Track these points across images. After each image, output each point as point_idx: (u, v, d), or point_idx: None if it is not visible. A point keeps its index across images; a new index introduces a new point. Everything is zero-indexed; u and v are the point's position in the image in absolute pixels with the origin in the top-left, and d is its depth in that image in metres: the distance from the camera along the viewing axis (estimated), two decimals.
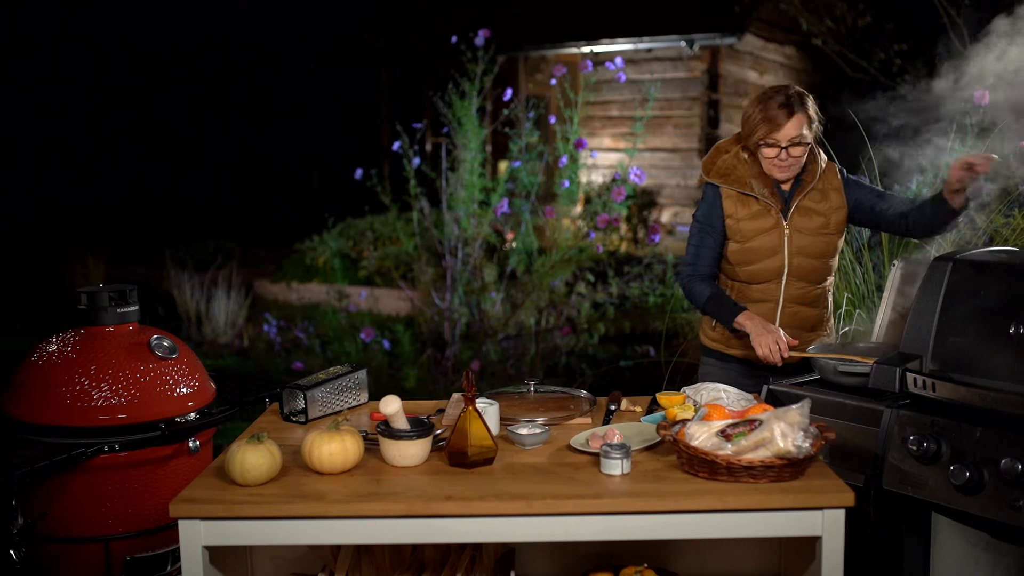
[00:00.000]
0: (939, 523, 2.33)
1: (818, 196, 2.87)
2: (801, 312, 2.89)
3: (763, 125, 2.75)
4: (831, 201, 2.88)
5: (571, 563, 2.40)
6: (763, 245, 2.86)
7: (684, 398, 2.44)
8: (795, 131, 2.74)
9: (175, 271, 8.21)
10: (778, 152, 2.77)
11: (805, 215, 2.86)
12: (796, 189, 2.88)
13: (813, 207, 2.86)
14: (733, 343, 2.94)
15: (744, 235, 2.87)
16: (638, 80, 11.04)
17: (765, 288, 2.89)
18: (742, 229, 2.87)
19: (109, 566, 2.62)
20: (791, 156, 2.78)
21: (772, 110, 2.74)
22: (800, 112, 2.74)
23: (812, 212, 2.86)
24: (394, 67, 13.86)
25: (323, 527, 1.92)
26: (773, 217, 2.86)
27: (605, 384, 5.80)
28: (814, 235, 2.86)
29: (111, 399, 2.60)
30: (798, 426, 1.94)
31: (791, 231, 2.85)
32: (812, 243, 2.86)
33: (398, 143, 6.02)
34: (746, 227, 2.87)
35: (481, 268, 6.21)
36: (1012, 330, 2.12)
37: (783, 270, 2.87)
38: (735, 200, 2.88)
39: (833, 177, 2.91)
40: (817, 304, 2.93)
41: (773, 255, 2.86)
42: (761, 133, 2.76)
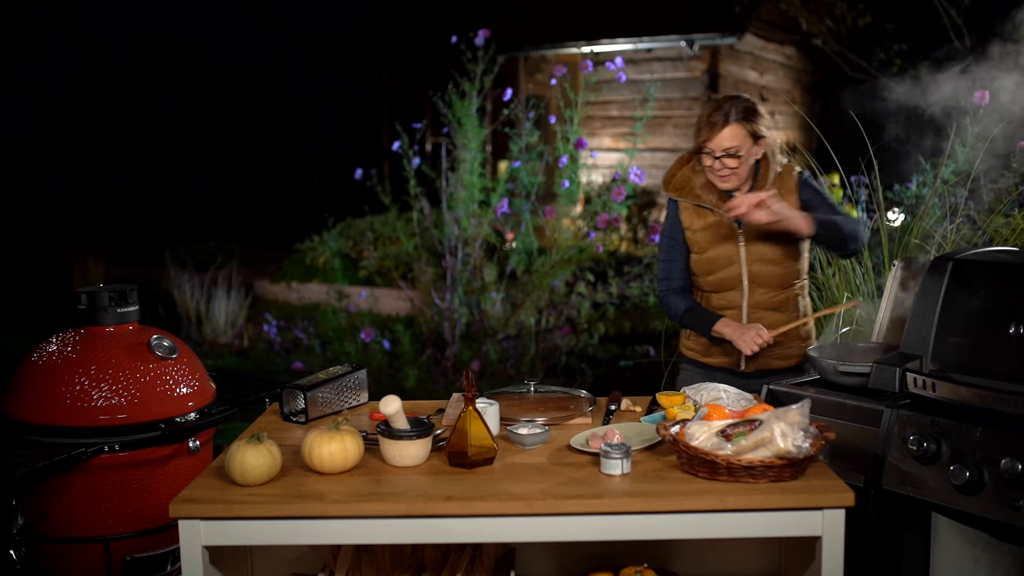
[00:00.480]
0: (939, 523, 2.33)
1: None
2: (768, 317, 2.88)
3: (703, 130, 2.77)
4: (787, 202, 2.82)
5: (571, 563, 2.40)
6: (720, 255, 2.87)
7: (684, 398, 2.44)
8: (728, 142, 2.73)
9: (175, 271, 8.20)
10: (712, 161, 2.77)
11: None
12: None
13: None
14: (712, 352, 2.95)
15: (701, 246, 2.88)
16: (638, 80, 11.03)
17: (729, 296, 2.90)
18: (699, 240, 2.88)
19: (109, 566, 2.62)
20: (726, 167, 2.77)
21: (712, 117, 2.75)
22: (736, 124, 2.73)
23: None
24: (394, 67, 13.85)
25: (323, 527, 1.92)
26: (727, 227, 2.85)
27: (605, 384, 5.80)
28: (771, 241, 2.84)
29: (111, 399, 2.60)
30: (798, 426, 1.94)
31: (746, 239, 2.85)
32: (769, 250, 2.85)
33: (398, 143, 6.02)
34: (702, 238, 2.88)
35: (481, 268, 6.21)
36: (1012, 330, 2.12)
37: (742, 278, 2.87)
38: (691, 212, 2.89)
39: (788, 180, 2.88)
40: (786, 308, 2.91)
41: (730, 264, 2.87)
42: (700, 138, 2.78)
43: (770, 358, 2.91)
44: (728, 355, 2.92)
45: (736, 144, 2.74)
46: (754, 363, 2.91)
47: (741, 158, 2.76)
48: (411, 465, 2.10)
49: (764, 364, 2.91)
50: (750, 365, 2.92)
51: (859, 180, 4.97)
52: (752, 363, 2.91)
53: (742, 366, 2.92)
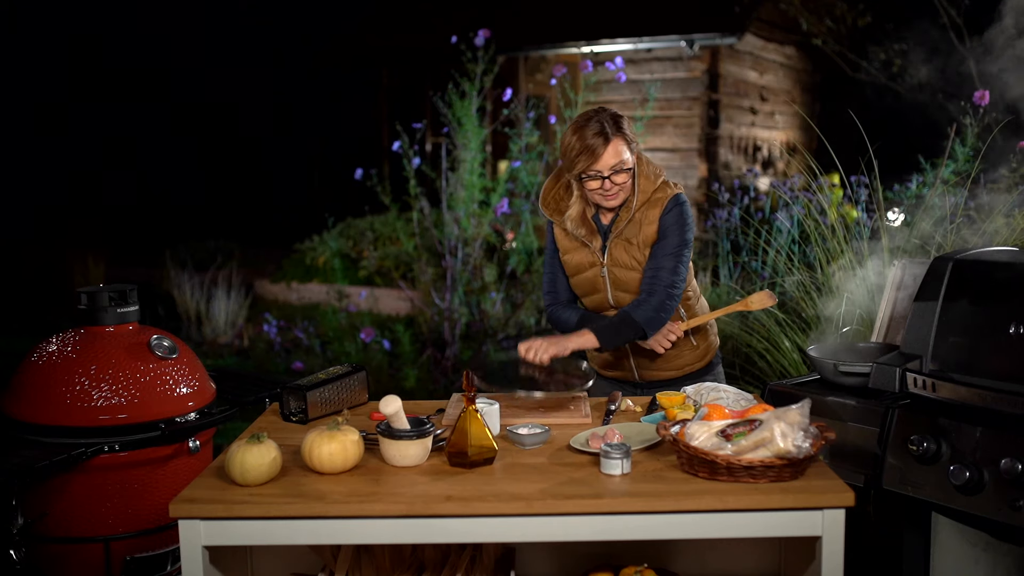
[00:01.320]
0: (939, 523, 2.33)
1: (635, 228, 2.71)
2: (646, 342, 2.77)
3: (582, 157, 2.59)
4: (647, 232, 2.70)
5: (571, 563, 2.40)
6: (586, 280, 2.79)
7: (684, 398, 2.44)
8: (614, 158, 2.59)
9: (175, 271, 8.20)
10: (601, 183, 2.62)
11: (622, 250, 2.72)
12: (615, 221, 2.73)
13: (631, 239, 2.72)
14: (603, 366, 2.92)
15: (571, 269, 2.81)
16: (638, 80, 11.03)
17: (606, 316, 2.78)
18: (568, 263, 2.81)
19: (109, 566, 2.62)
20: (615, 184, 2.62)
21: (588, 139, 2.58)
22: (616, 136, 2.58)
23: (631, 244, 2.72)
24: (394, 67, 13.85)
25: (323, 527, 1.92)
26: (592, 254, 2.75)
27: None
28: (631, 269, 2.72)
29: (111, 399, 2.60)
30: (798, 426, 1.94)
31: (609, 265, 2.74)
32: (630, 277, 2.73)
33: (398, 143, 6.02)
34: (570, 261, 2.80)
35: (481, 268, 6.21)
36: (1012, 330, 2.12)
37: (607, 306, 2.79)
38: (563, 234, 2.80)
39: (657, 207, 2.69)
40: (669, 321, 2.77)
41: (596, 291, 2.78)
42: (582, 165, 2.60)
43: (662, 369, 2.85)
44: (622, 369, 2.88)
45: (622, 158, 2.60)
46: (647, 374, 2.86)
47: (630, 170, 2.64)
48: (411, 465, 2.10)
49: (656, 375, 2.85)
50: (643, 376, 2.87)
51: (859, 180, 4.98)
52: (645, 374, 2.86)
53: (636, 377, 2.88)
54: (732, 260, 6.09)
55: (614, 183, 2.62)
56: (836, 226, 3.89)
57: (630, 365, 2.87)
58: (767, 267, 5.28)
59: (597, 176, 2.61)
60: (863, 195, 4.96)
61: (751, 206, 7.41)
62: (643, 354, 2.83)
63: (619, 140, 2.60)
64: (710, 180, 11.41)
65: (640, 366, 2.86)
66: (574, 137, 2.61)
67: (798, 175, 5.91)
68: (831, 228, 3.91)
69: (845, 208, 5.59)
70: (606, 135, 2.58)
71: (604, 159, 2.59)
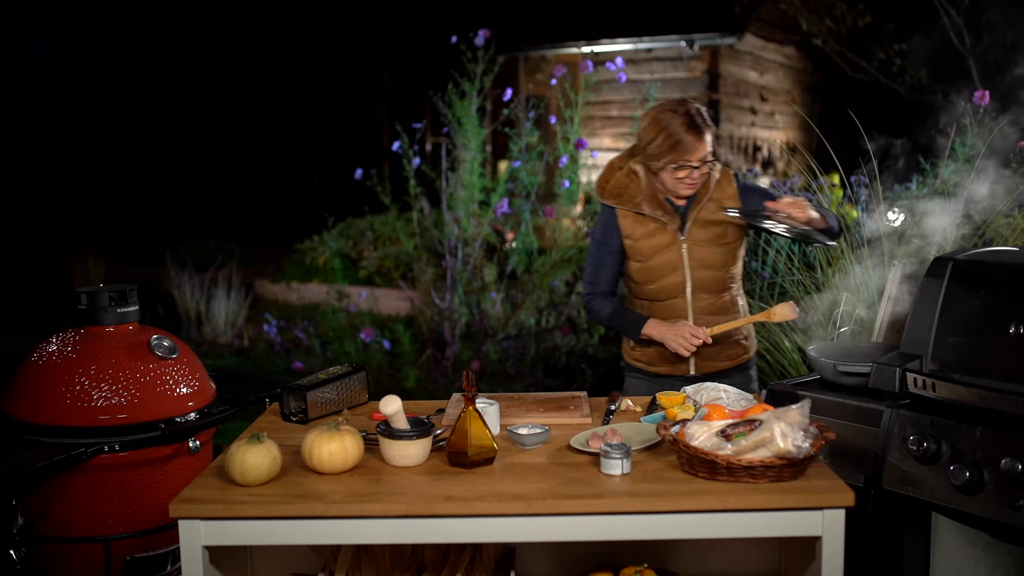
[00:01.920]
0: (939, 523, 2.33)
1: (714, 207, 2.83)
2: (712, 321, 2.87)
3: (674, 150, 2.68)
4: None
5: (571, 563, 2.40)
6: (663, 262, 2.84)
7: (684, 398, 2.44)
8: (705, 150, 2.70)
9: (175, 271, 8.20)
10: (689, 172, 2.72)
11: (702, 227, 2.83)
12: (692, 202, 2.84)
13: (709, 218, 2.83)
14: (657, 362, 2.93)
15: (644, 254, 2.84)
16: (638, 80, 11.03)
17: (672, 304, 2.87)
18: (641, 248, 2.84)
19: (109, 566, 2.62)
20: (701, 174, 2.75)
21: (680, 133, 2.67)
22: (707, 129, 2.70)
23: (709, 224, 2.83)
24: (394, 67, 13.85)
25: (323, 527, 1.92)
26: (670, 233, 2.82)
27: (605, 384, 5.80)
28: (713, 246, 2.83)
29: (111, 399, 2.60)
30: (798, 426, 1.94)
31: (689, 245, 2.82)
32: (712, 255, 2.83)
33: (398, 143, 6.02)
34: (644, 246, 2.84)
35: (481, 268, 6.21)
36: (1012, 330, 2.12)
37: (685, 285, 2.85)
38: (631, 220, 2.84)
39: (728, 185, 2.86)
40: (727, 311, 2.91)
41: (674, 271, 2.84)
42: (672, 157, 2.69)
43: (717, 360, 2.89)
44: (679, 363, 2.90)
45: (711, 149, 2.72)
46: (702, 367, 2.89)
47: (714, 160, 2.77)
48: (411, 465, 2.10)
49: (712, 367, 2.89)
50: (699, 369, 2.90)
51: (859, 180, 4.98)
52: (702, 366, 2.89)
53: (691, 371, 2.90)
54: None
55: (701, 172, 2.73)
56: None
57: (690, 359, 2.89)
58: (767, 267, 5.28)
59: (686, 166, 2.71)
60: (863, 195, 4.96)
61: None
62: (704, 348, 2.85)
63: (709, 132, 2.72)
64: None
65: (700, 357, 2.88)
66: (662, 132, 2.69)
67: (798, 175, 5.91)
68: None
69: (845, 208, 5.59)
70: (698, 128, 2.69)
71: (697, 151, 2.69)
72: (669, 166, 2.72)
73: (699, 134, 2.68)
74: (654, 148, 2.72)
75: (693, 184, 2.77)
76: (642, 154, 2.78)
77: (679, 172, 2.73)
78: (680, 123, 2.68)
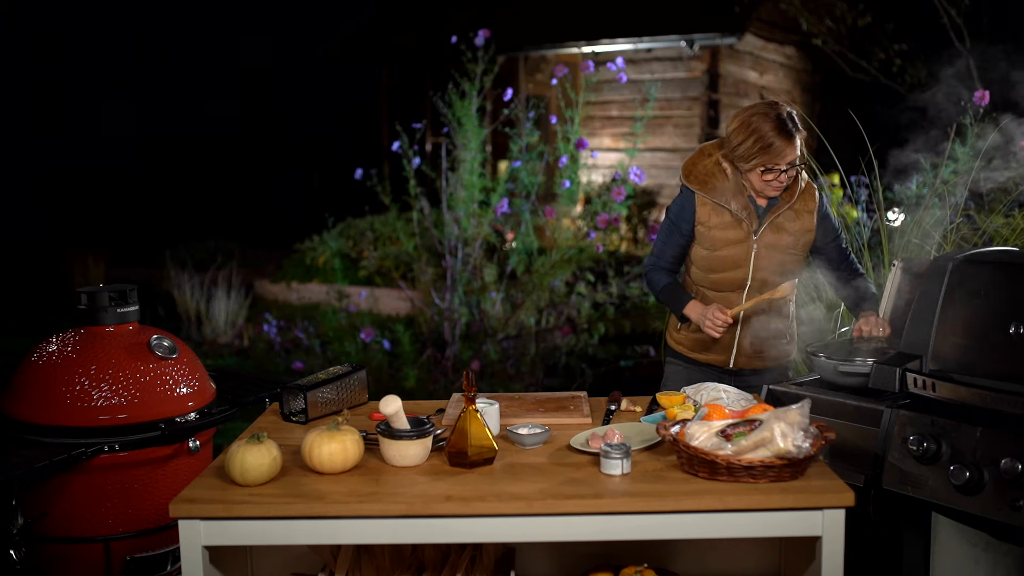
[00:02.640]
0: (939, 523, 2.33)
1: (792, 215, 2.86)
2: (762, 320, 2.90)
3: (764, 153, 2.70)
4: (803, 222, 2.87)
5: (571, 563, 2.40)
6: (730, 256, 2.86)
7: (684, 398, 2.44)
8: (795, 154, 2.72)
9: (175, 271, 8.20)
10: (777, 175, 2.74)
11: (776, 232, 2.85)
12: (773, 205, 2.86)
13: (785, 225, 2.85)
14: (696, 348, 2.96)
15: (714, 243, 2.86)
16: (638, 80, 11.03)
17: (727, 297, 2.89)
18: (712, 237, 2.86)
19: (109, 566, 2.62)
20: (788, 177, 2.77)
21: (772, 137, 2.68)
22: (797, 134, 2.71)
23: (783, 230, 2.85)
24: (394, 67, 13.85)
25: (323, 527, 1.92)
26: (744, 230, 2.84)
27: (605, 384, 5.80)
28: (782, 253, 2.85)
29: (111, 399, 2.60)
30: (798, 426, 1.94)
31: (759, 246, 2.84)
32: (778, 260, 2.85)
33: (398, 143, 6.02)
34: (717, 236, 2.86)
35: (481, 268, 6.21)
36: (1012, 330, 2.12)
37: (746, 282, 2.87)
38: (710, 208, 2.86)
39: (810, 199, 2.89)
40: (779, 313, 2.93)
41: (738, 267, 2.86)
42: (761, 160, 2.71)
43: (759, 358, 2.93)
44: (718, 353, 2.94)
45: (799, 154, 2.74)
46: (741, 362, 2.93)
47: (800, 166, 2.78)
48: (411, 465, 2.10)
49: (751, 363, 2.93)
50: (738, 364, 2.93)
51: (859, 180, 4.97)
52: (741, 361, 2.93)
53: (731, 364, 2.94)
54: None
55: (788, 176, 2.75)
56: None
57: (731, 352, 2.93)
58: None
59: (774, 169, 2.72)
60: (863, 195, 4.95)
61: None
62: (748, 340, 2.89)
63: (799, 137, 2.72)
64: None
65: (741, 351, 2.91)
66: (752, 135, 2.71)
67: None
68: None
69: (845, 208, 5.58)
70: (789, 133, 2.70)
71: (787, 155, 2.70)
72: (757, 168, 2.74)
73: (790, 139, 2.69)
74: (743, 150, 2.73)
75: (780, 186, 2.79)
76: (731, 153, 2.80)
77: (767, 175, 2.74)
78: (771, 127, 2.68)
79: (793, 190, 2.85)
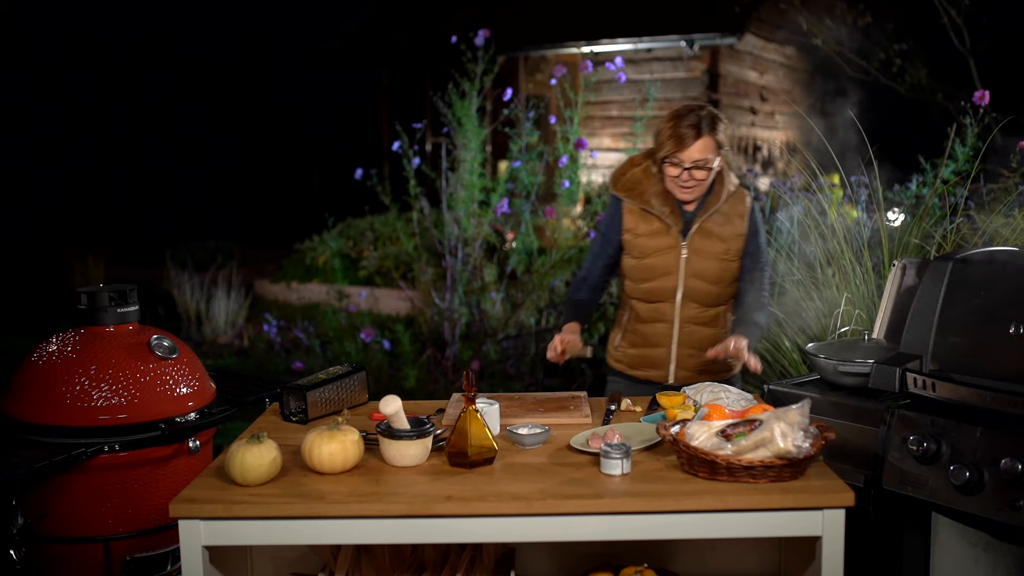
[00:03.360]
0: (939, 523, 2.33)
1: (721, 219, 2.82)
2: (698, 332, 2.86)
3: (670, 142, 2.70)
4: (734, 226, 2.83)
5: (571, 563, 2.40)
6: (659, 264, 2.82)
7: (684, 398, 2.44)
8: (699, 154, 2.69)
9: (175, 271, 8.20)
10: (680, 172, 2.72)
11: (705, 238, 2.81)
12: (699, 210, 2.83)
13: (715, 230, 2.82)
14: (634, 365, 2.93)
15: (642, 251, 2.83)
16: (638, 80, 11.03)
17: (660, 308, 2.86)
18: (640, 245, 2.83)
19: (109, 566, 2.62)
20: (693, 178, 2.73)
21: (681, 128, 2.68)
22: (708, 136, 2.69)
23: (713, 235, 2.82)
24: (394, 67, 13.85)
25: (323, 527, 1.92)
26: (672, 237, 2.81)
27: (605, 384, 5.79)
28: (712, 259, 2.81)
29: (111, 399, 2.60)
30: (798, 426, 1.94)
31: (689, 253, 2.81)
32: (709, 267, 2.81)
33: (398, 143, 6.02)
34: (644, 244, 2.83)
35: (481, 268, 6.21)
36: (1012, 330, 2.12)
37: (676, 291, 2.83)
38: (636, 215, 2.84)
39: (740, 204, 2.86)
40: (715, 324, 2.88)
41: (667, 275, 2.82)
42: (667, 150, 2.71)
43: (696, 371, 2.87)
44: (656, 369, 2.90)
45: (707, 156, 2.70)
46: (680, 376, 2.88)
47: (710, 170, 2.73)
48: (411, 465, 2.10)
49: (689, 378, 2.86)
50: (677, 378, 2.88)
51: (859, 180, 4.98)
52: (679, 376, 2.88)
53: (670, 379, 2.89)
54: None
55: (692, 177, 2.72)
56: (836, 226, 3.89)
57: (669, 367, 2.89)
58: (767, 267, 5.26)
59: (678, 164, 2.71)
60: (863, 195, 4.95)
61: None
62: (684, 354, 2.85)
63: (709, 139, 2.70)
64: None
65: (680, 366, 2.88)
66: (668, 124, 2.73)
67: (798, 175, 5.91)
68: (831, 228, 3.91)
69: (845, 208, 5.58)
70: (699, 129, 2.69)
71: (689, 151, 2.68)
72: (664, 161, 2.73)
73: (696, 135, 2.68)
74: (659, 138, 2.75)
75: (686, 188, 2.75)
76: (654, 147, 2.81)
77: (671, 169, 2.73)
78: (686, 122, 2.69)
79: (720, 192, 2.81)
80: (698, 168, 2.71)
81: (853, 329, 3.14)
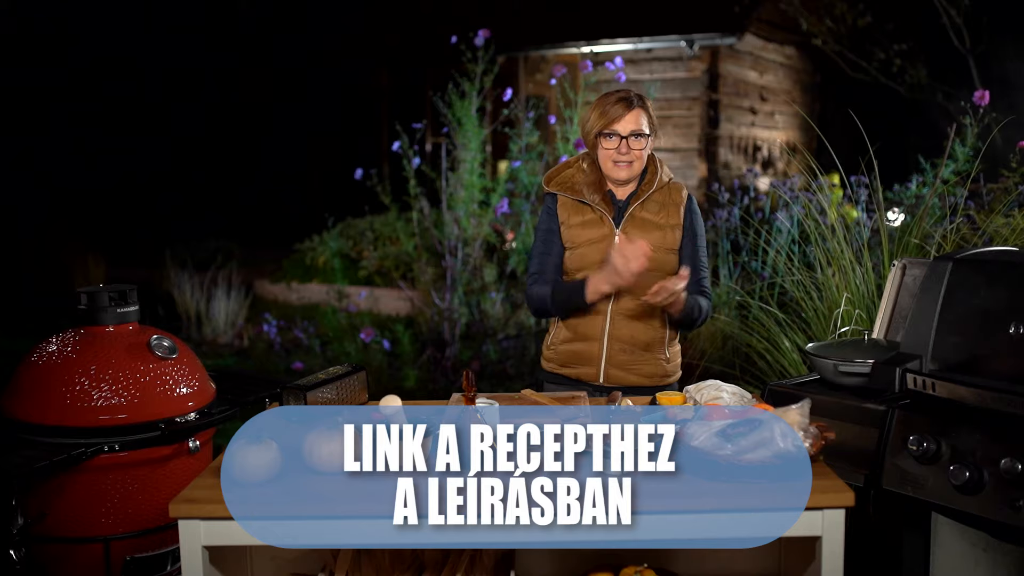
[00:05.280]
0: (939, 523, 2.33)
1: (656, 207, 2.77)
2: (629, 326, 2.76)
3: (602, 118, 2.70)
4: (669, 215, 2.77)
5: (571, 563, 2.40)
6: (592, 253, 2.76)
7: (684, 398, 2.44)
8: (634, 124, 2.69)
9: (175, 271, 8.20)
10: (619, 143, 2.69)
11: (639, 226, 2.75)
12: (631, 198, 2.79)
13: (650, 219, 2.76)
14: (567, 362, 2.83)
15: (575, 242, 2.79)
16: (638, 80, 11.04)
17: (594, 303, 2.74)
18: (573, 236, 2.79)
19: (109, 566, 2.62)
20: (631, 148, 2.69)
21: (613, 101, 2.70)
22: (639, 107, 2.71)
23: (648, 224, 2.76)
24: (394, 67, 13.86)
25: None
26: (606, 226, 2.76)
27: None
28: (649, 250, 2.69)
29: (111, 399, 2.60)
30: (798, 426, 1.94)
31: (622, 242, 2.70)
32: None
33: (398, 143, 6.02)
34: (577, 234, 2.79)
35: (481, 268, 6.22)
36: (1012, 330, 2.12)
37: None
38: (569, 207, 2.81)
39: (677, 194, 2.82)
40: (651, 318, 2.76)
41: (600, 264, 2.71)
42: (603, 122, 2.69)
43: (628, 372, 2.78)
44: (588, 366, 2.80)
45: (642, 127, 2.70)
46: (612, 376, 2.78)
47: (647, 139, 2.72)
48: None
49: (622, 379, 2.78)
50: (608, 379, 2.78)
51: (859, 180, 4.98)
52: (612, 375, 2.78)
53: (600, 379, 2.79)
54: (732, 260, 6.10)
55: (631, 147, 2.70)
56: (836, 226, 3.89)
57: (600, 364, 2.80)
58: (767, 267, 5.28)
59: (615, 135, 2.70)
60: (863, 195, 4.96)
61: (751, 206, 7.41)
62: (616, 355, 2.78)
63: (641, 111, 2.72)
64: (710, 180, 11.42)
65: (610, 363, 2.78)
66: (601, 99, 2.74)
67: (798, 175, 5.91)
68: (831, 228, 3.91)
69: (845, 208, 5.59)
70: (630, 101, 2.71)
71: (624, 121, 2.69)
72: (599, 138, 2.72)
73: (628, 106, 2.69)
74: (588, 121, 2.74)
75: (624, 161, 2.71)
76: (585, 139, 2.80)
77: (607, 143, 2.70)
78: (613, 99, 2.72)
79: (651, 180, 2.79)
80: (635, 137, 2.69)
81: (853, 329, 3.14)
